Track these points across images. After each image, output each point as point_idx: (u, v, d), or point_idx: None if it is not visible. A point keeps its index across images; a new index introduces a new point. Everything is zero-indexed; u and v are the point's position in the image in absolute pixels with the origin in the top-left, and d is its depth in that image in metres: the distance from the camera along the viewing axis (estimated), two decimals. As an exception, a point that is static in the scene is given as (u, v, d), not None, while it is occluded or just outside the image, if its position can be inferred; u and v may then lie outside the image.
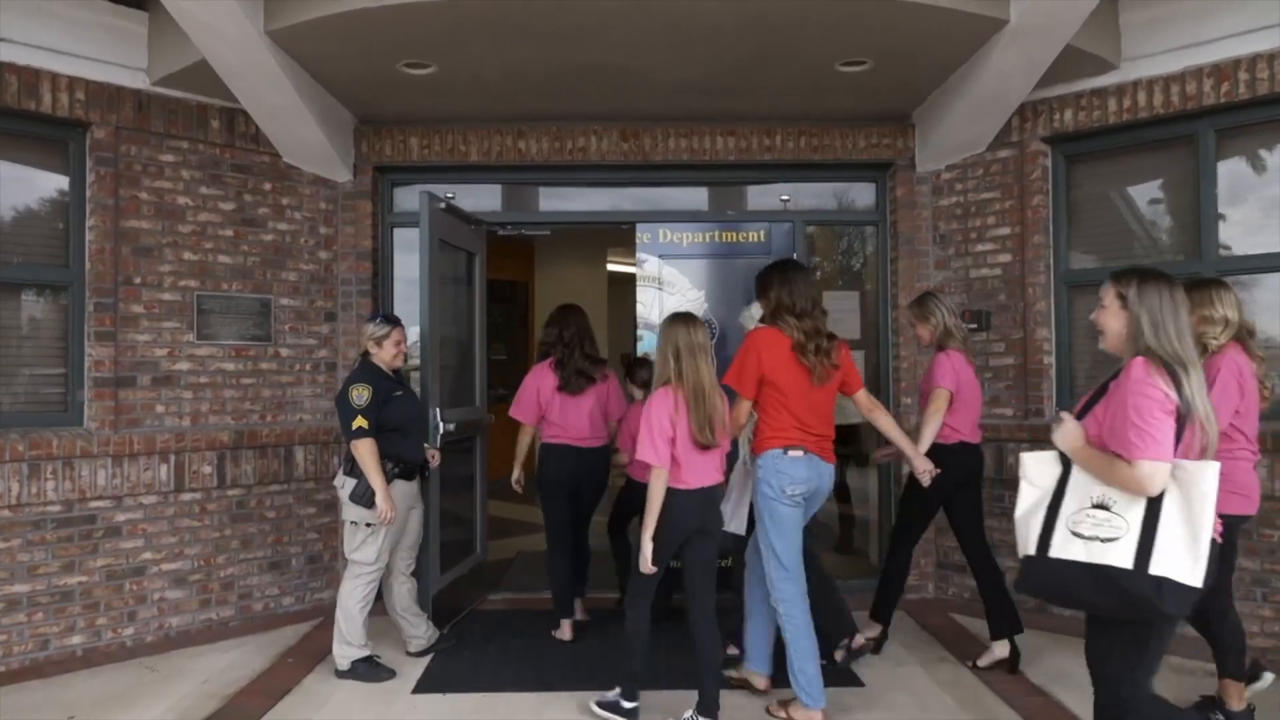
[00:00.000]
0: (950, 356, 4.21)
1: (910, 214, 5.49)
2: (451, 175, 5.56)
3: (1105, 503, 2.35)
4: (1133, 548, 2.27)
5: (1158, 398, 2.30)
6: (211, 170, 4.97)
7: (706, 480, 3.50)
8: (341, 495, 4.14)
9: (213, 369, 4.95)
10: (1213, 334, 3.30)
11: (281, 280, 5.22)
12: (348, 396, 4.05)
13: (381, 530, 4.10)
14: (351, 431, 4.02)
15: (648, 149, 5.46)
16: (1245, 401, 3.31)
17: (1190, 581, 2.24)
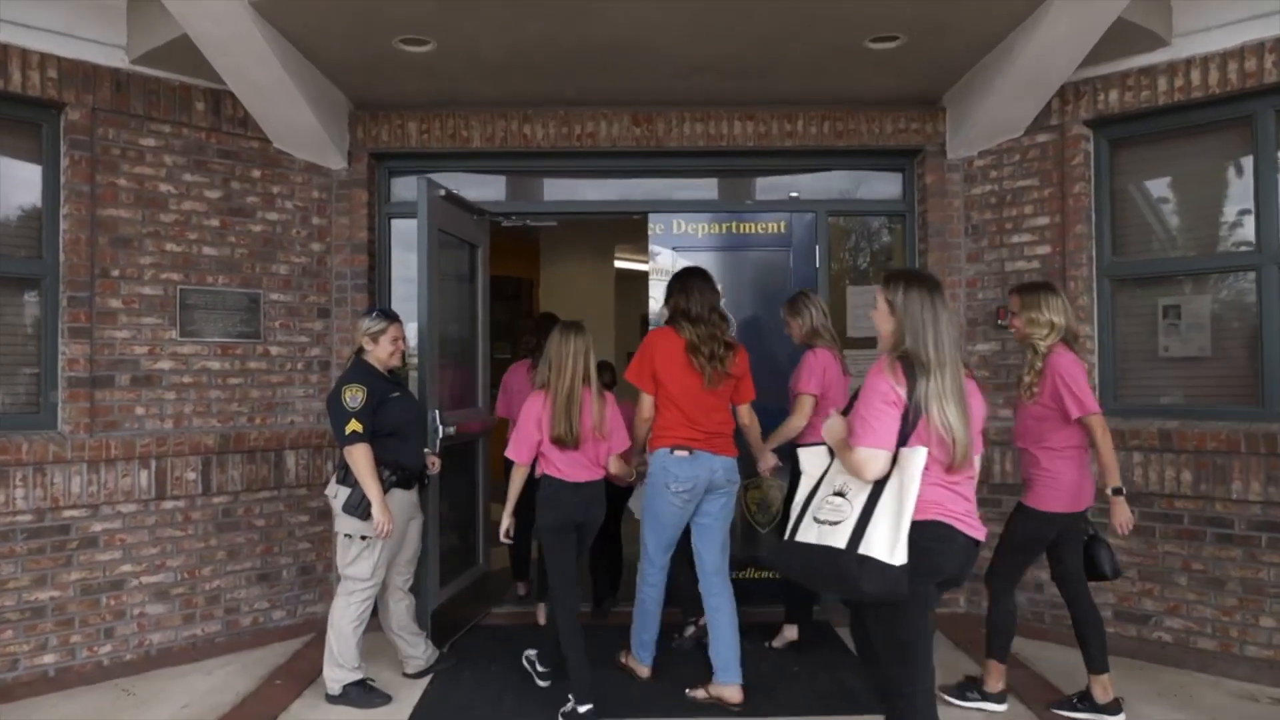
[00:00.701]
0: (817, 355, 4.27)
1: (940, 203, 5.15)
2: (452, 162, 5.24)
3: (843, 490, 2.53)
4: (850, 530, 2.43)
5: (883, 391, 2.47)
6: (196, 156, 4.65)
7: (583, 475, 3.75)
8: (334, 505, 3.82)
9: (197, 368, 4.63)
10: (1039, 335, 3.49)
11: (271, 274, 4.90)
12: (340, 398, 3.73)
13: (378, 543, 3.79)
14: (345, 436, 3.70)
15: (661, 134, 5.14)
16: (1088, 406, 3.45)
17: (890, 560, 2.37)
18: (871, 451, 2.44)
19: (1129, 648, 4.46)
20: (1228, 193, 4.46)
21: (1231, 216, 4.44)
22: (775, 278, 5.25)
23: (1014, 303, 3.64)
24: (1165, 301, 4.62)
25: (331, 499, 3.84)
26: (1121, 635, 4.50)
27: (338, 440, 3.77)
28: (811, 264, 5.25)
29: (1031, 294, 3.58)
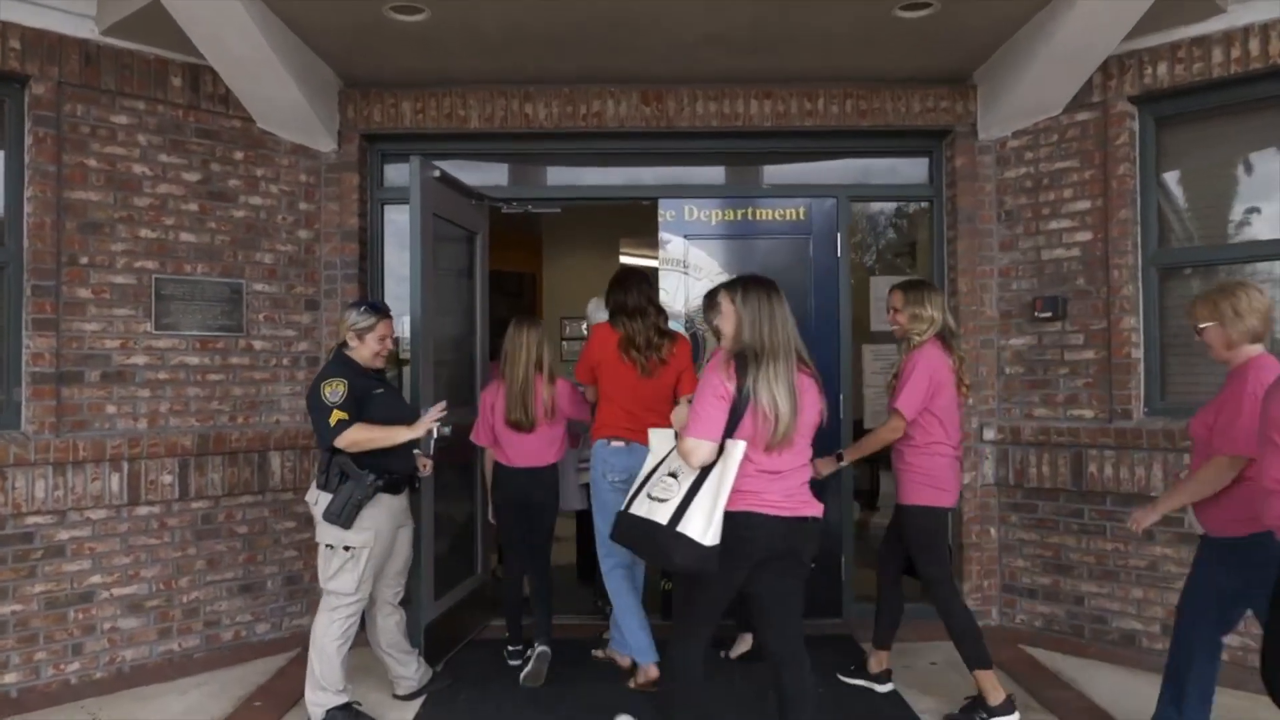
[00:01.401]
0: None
1: (971, 187, 4.81)
2: (449, 144, 4.90)
3: (676, 472, 2.75)
4: (673, 508, 2.65)
5: (714, 385, 2.68)
6: (173, 135, 4.32)
7: (527, 461, 4.10)
8: (315, 513, 3.49)
9: (174, 363, 4.31)
10: (918, 330, 3.53)
11: (255, 262, 4.57)
12: (319, 394, 3.40)
13: (364, 554, 3.46)
14: (330, 430, 3.37)
15: (672, 114, 4.80)
16: (942, 398, 3.48)
17: (702, 540, 2.59)
18: (697, 441, 2.66)
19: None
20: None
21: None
22: (794, 268, 4.92)
23: (896, 299, 3.64)
24: (1218, 292, 4.27)
25: (312, 506, 3.51)
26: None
27: (321, 440, 3.44)
28: (833, 253, 4.92)
29: (915, 291, 3.61)
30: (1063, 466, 4.47)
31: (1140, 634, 4.29)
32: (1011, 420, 4.72)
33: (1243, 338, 2.86)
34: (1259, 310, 2.85)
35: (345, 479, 3.42)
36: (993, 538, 4.77)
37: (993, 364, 4.79)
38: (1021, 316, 4.71)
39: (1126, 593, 4.32)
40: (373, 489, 3.45)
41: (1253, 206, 4.21)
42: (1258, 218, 4.17)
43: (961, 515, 4.75)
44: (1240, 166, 4.28)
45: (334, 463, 3.44)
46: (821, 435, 2.91)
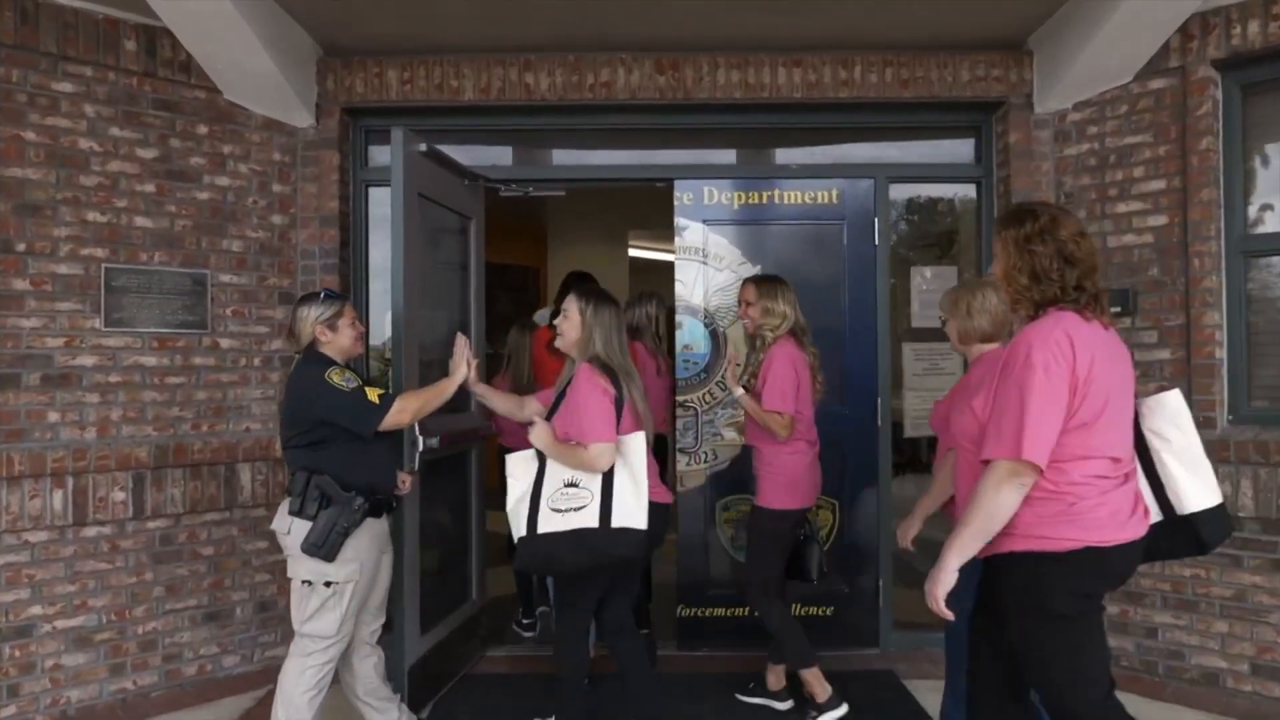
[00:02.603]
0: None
1: (1026, 166, 4.28)
2: (440, 119, 4.39)
3: (574, 480, 2.87)
4: (597, 510, 2.81)
5: (600, 391, 2.86)
6: (126, 106, 3.82)
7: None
8: (285, 544, 2.98)
9: (127, 364, 3.81)
10: (771, 325, 3.47)
11: (222, 251, 4.07)
12: (329, 385, 2.89)
13: (348, 590, 2.96)
14: (378, 409, 2.92)
15: (689, 84, 4.27)
16: (801, 395, 3.43)
17: (638, 526, 2.81)
18: (602, 446, 2.83)
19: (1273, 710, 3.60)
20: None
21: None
22: (825, 257, 4.41)
23: (749, 293, 3.55)
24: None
25: (281, 535, 3.00)
26: (1263, 695, 3.64)
27: (369, 424, 2.90)
28: (869, 240, 4.40)
29: (768, 285, 3.54)
30: (1133, 481, 3.94)
31: (1225, 673, 3.76)
32: (1072, 428, 4.18)
33: (972, 336, 2.90)
34: (990, 312, 2.85)
35: (327, 503, 2.92)
36: (1050, 560, 4.23)
37: (1050, 365, 4.25)
38: (1084, 311, 4.18)
39: (1208, 625, 3.80)
40: (360, 514, 2.94)
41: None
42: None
43: (1015, 535, 4.22)
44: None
45: (313, 484, 2.93)
46: (857, 442, 2.85)
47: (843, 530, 4.38)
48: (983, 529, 2.10)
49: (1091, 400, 2.06)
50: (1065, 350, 2.05)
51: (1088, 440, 2.07)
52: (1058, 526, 2.07)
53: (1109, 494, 2.10)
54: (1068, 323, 2.10)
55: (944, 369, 4.48)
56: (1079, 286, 2.14)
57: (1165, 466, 2.26)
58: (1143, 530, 2.16)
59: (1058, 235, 2.16)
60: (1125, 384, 2.19)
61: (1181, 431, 2.28)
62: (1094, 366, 2.07)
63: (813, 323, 4.32)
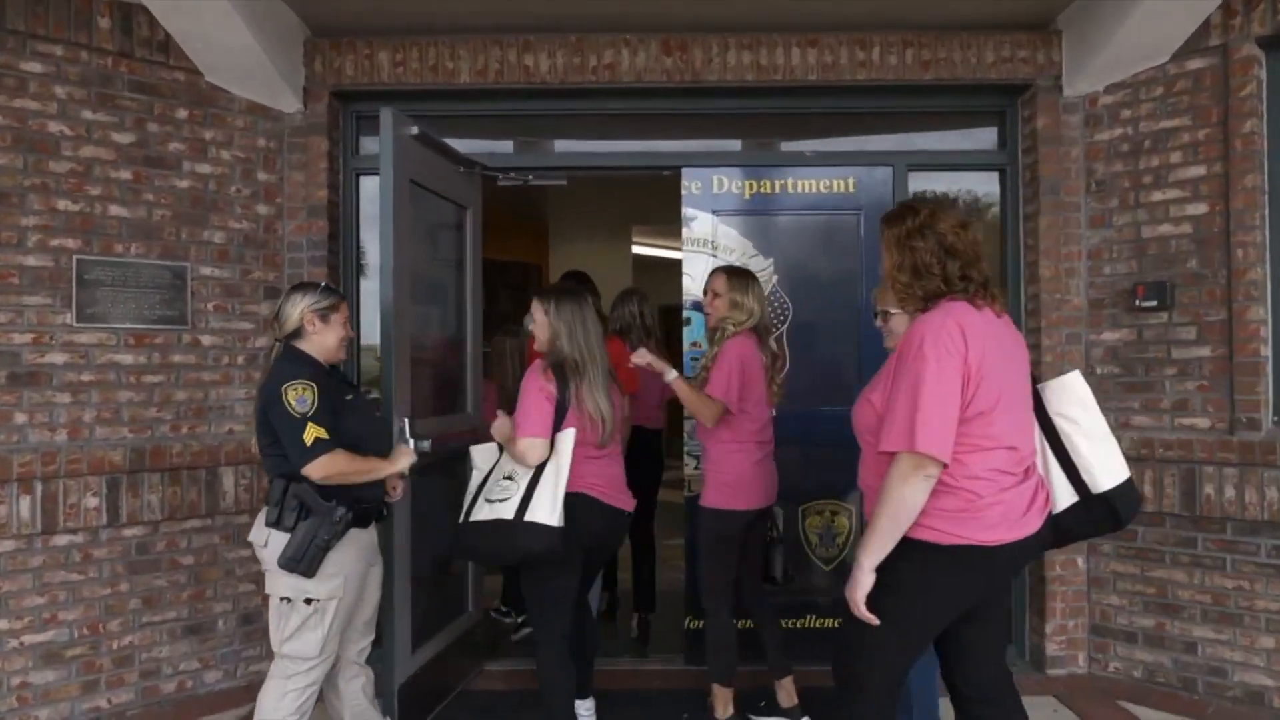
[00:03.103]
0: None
1: (1055, 153, 4.04)
2: (435, 103, 4.15)
3: (512, 474, 2.97)
4: (516, 503, 2.89)
5: (538, 388, 2.93)
6: (100, 88, 3.59)
7: None
8: (263, 557, 2.75)
9: (101, 362, 3.58)
10: (735, 320, 3.34)
11: (203, 242, 3.84)
12: (283, 401, 2.65)
13: (330, 607, 2.73)
14: (306, 451, 2.62)
15: (698, 66, 4.04)
16: (754, 394, 3.29)
17: (549, 522, 2.85)
18: (530, 440, 2.87)
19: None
20: None
21: None
22: (841, 248, 4.18)
23: (719, 283, 3.40)
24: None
25: (259, 548, 2.77)
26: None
27: (291, 463, 2.65)
28: (888, 231, 4.15)
29: (739, 278, 3.40)
30: (1170, 486, 3.71)
31: (1271, 691, 3.53)
32: (1104, 430, 3.95)
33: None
34: None
35: (306, 514, 2.69)
36: (1080, 569, 4.01)
37: (1080, 363, 4.02)
38: (1117, 306, 3.94)
39: (1253, 640, 3.57)
40: (342, 525, 2.71)
41: None
42: None
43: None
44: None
45: (291, 493, 2.70)
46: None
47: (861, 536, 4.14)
48: (892, 526, 2.07)
49: (986, 388, 2.06)
50: (957, 340, 2.05)
51: (985, 429, 2.06)
52: (950, 521, 2.06)
53: (1006, 492, 2.08)
54: (959, 313, 2.10)
55: (967, 367, 4.23)
56: (964, 276, 2.15)
57: (1077, 449, 2.26)
58: (1035, 527, 2.14)
59: (937, 229, 2.18)
60: (1020, 371, 2.20)
61: (1088, 412, 2.29)
62: (987, 355, 2.06)
63: (827, 319, 4.15)
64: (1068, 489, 2.26)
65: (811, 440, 4.03)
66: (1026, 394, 2.21)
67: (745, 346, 3.29)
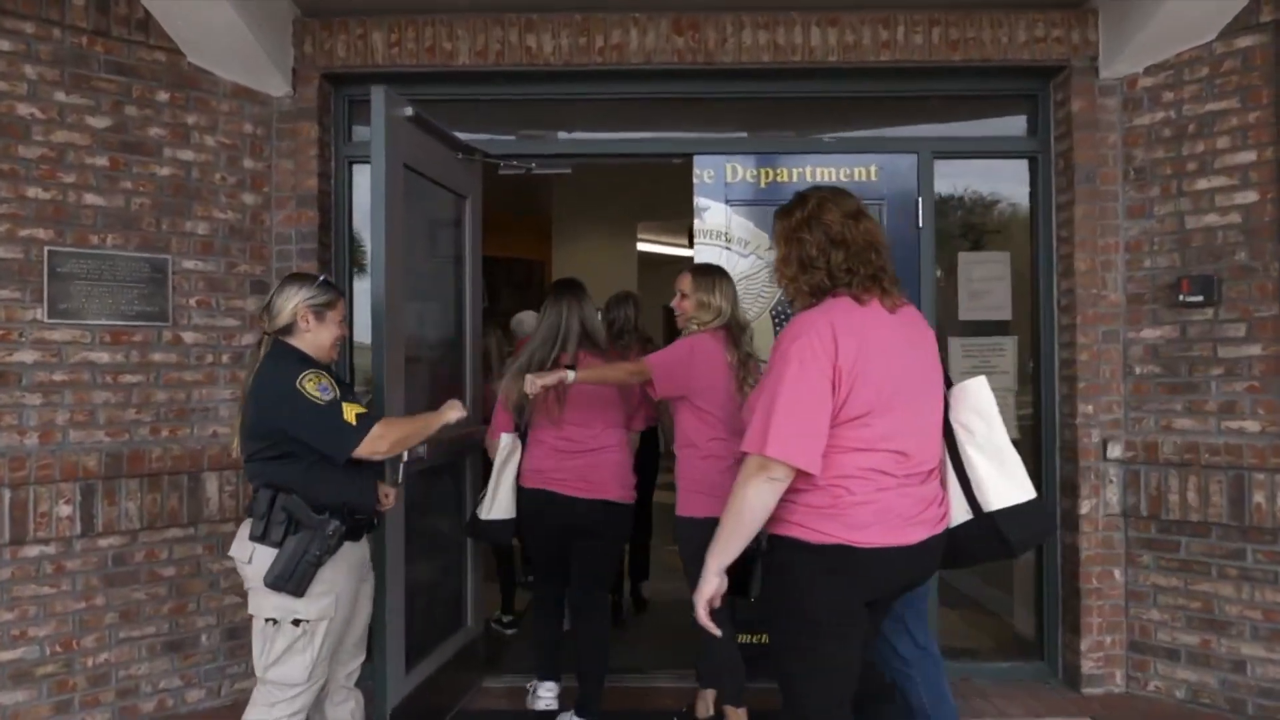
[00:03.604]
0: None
1: (1090, 138, 3.80)
2: (432, 85, 3.92)
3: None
4: (487, 501, 3.41)
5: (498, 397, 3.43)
6: (73, 68, 3.37)
7: None
8: (247, 574, 2.52)
9: (75, 360, 3.35)
10: (701, 320, 3.23)
11: (185, 233, 3.62)
12: (303, 395, 2.41)
13: (321, 629, 2.50)
14: (354, 431, 2.44)
15: (711, 46, 3.81)
16: (718, 395, 3.13)
17: (489, 517, 3.39)
18: (490, 442, 3.40)
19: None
20: None
21: None
22: (862, 241, 3.92)
23: (684, 283, 3.27)
24: None
25: (241, 565, 2.54)
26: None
27: (339, 448, 2.45)
28: (912, 222, 3.94)
29: (705, 278, 3.26)
30: (1216, 494, 3.47)
31: (1328, 715, 3.29)
32: (1144, 433, 3.71)
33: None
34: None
35: (296, 527, 2.46)
36: (1117, 582, 3.77)
37: (1117, 362, 3.79)
38: (1158, 301, 3.70)
39: (1308, 660, 3.33)
40: (336, 539, 2.48)
41: None
42: None
43: (1077, 553, 3.75)
44: None
45: (279, 504, 2.47)
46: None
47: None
48: (737, 529, 1.99)
49: (862, 390, 1.95)
50: (825, 339, 1.95)
51: (861, 432, 1.96)
52: (817, 518, 1.98)
53: (883, 493, 1.97)
54: (836, 310, 2.02)
55: (996, 366, 4.01)
56: (849, 269, 2.04)
57: (969, 460, 2.12)
58: (920, 537, 2.01)
59: (824, 219, 2.08)
60: (920, 370, 2.07)
61: (985, 421, 2.13)
62: (863, 354, 1.95)
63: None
64: (963, 503, 2.13)
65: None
66: (928, 394, 2.08)
67: (703, 340, 3.15)
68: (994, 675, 3.92)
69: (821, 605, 2.00)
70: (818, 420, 1.93)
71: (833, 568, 1.98)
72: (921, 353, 2.09)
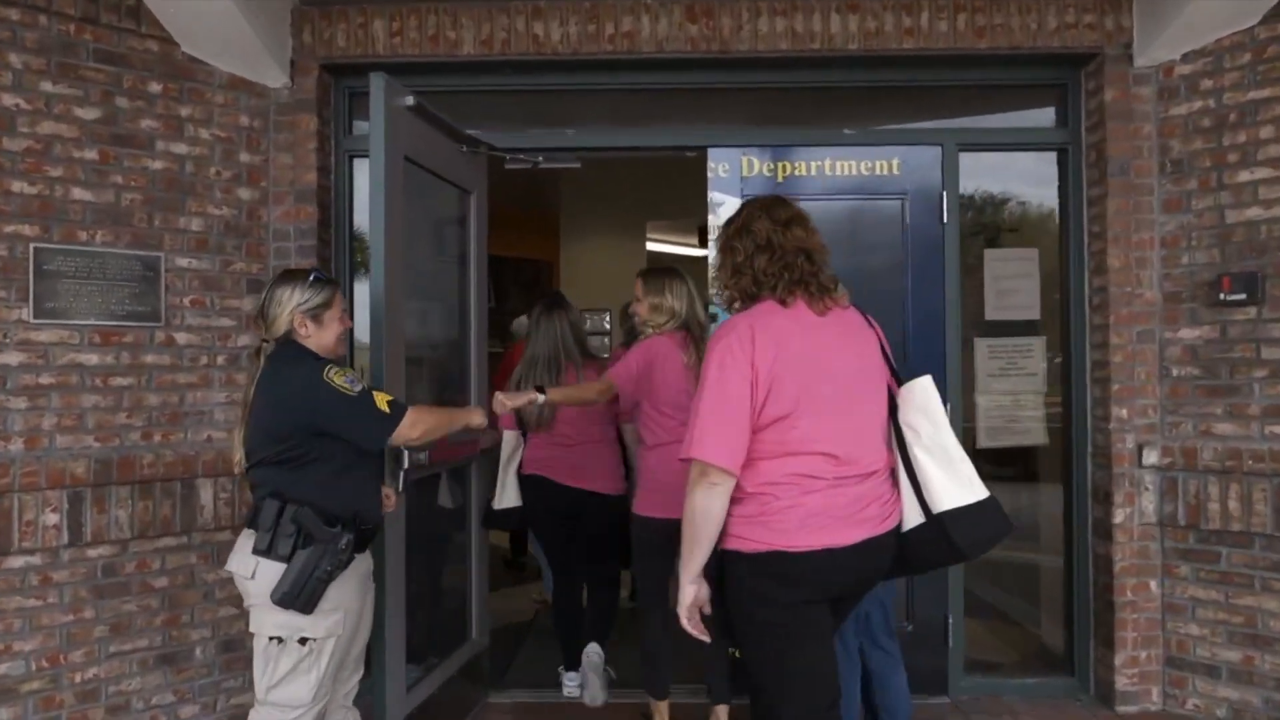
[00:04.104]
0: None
1: (1124, 129, 3.63)
2: (436, 76, 3.76)
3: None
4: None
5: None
6: (61, 57, 3.22)
7: None
8: (250, 591, 2.38)
9: (62, 362, 3.21)
10: (656, 323, 3.28)
11: (178, 230, 3.47)
12: (331, 388, 2.32)
13: (328, 647, 2.37)
14: (388, 419, 2.38)
15: (726, 34, 3.65)
16: (658, 393, 3.18)
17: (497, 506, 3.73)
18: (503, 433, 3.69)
19: None
20: None
21: None
22: (883, 237, 3.80)
23: (637, 288, 3.38)
24: None
25: (242, 580, 2.39)
26: None
27: (376, 438, 2.40)
28: (936, 218, 3.77)
29: (655, 280, 3.34)
30: (1260, 502, 3.30)
31: (1381, 737, 3.11)
32: (1182, 438, 3.54)
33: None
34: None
35: (306, 541, 2.31)
36: (1153, 594, 3.59)
37: (1153, 363, 3.61)
38: (1197, 300, 3.53)
39: (1359, 678, 3.15)
40: (348, 553, 2.34)
41: None
42: None
43: (1111, 564, 3.58)
44: None
45: (288, 516, 2.32)
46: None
47: (906, 557, 3.74)
48: (693, 536, 2.04)
49: (781, 392, 1.98)
50: (744, 343, 2.00)
51: (786, 435, 1.99)
52: (749, 526, 2.02)
53: (810, 495, 1.99)
54: (758, 313, 2.07)
55: (1024, 368, 3.84)
56: (773, 274, 2.09)
57: (916, 461, 2.10)
58: (857, 537, 2.01)
59: (753, 228, 2.14)
60: (850, 372, 2.08)
61: (931, 422, 2.11)
62: (782, 356, 1.99)
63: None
64: (916, 505, 2.10)
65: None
66: (862, 395, 2.10)
67: (658, 343, 3.24)
68: (1022, 692, 3.75)
69: (771, 612, 2.03)
70: (739, 420, 1.98)
71: (772, 574, 2.00)
72: (855, 355, 2.11)
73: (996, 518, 2.10)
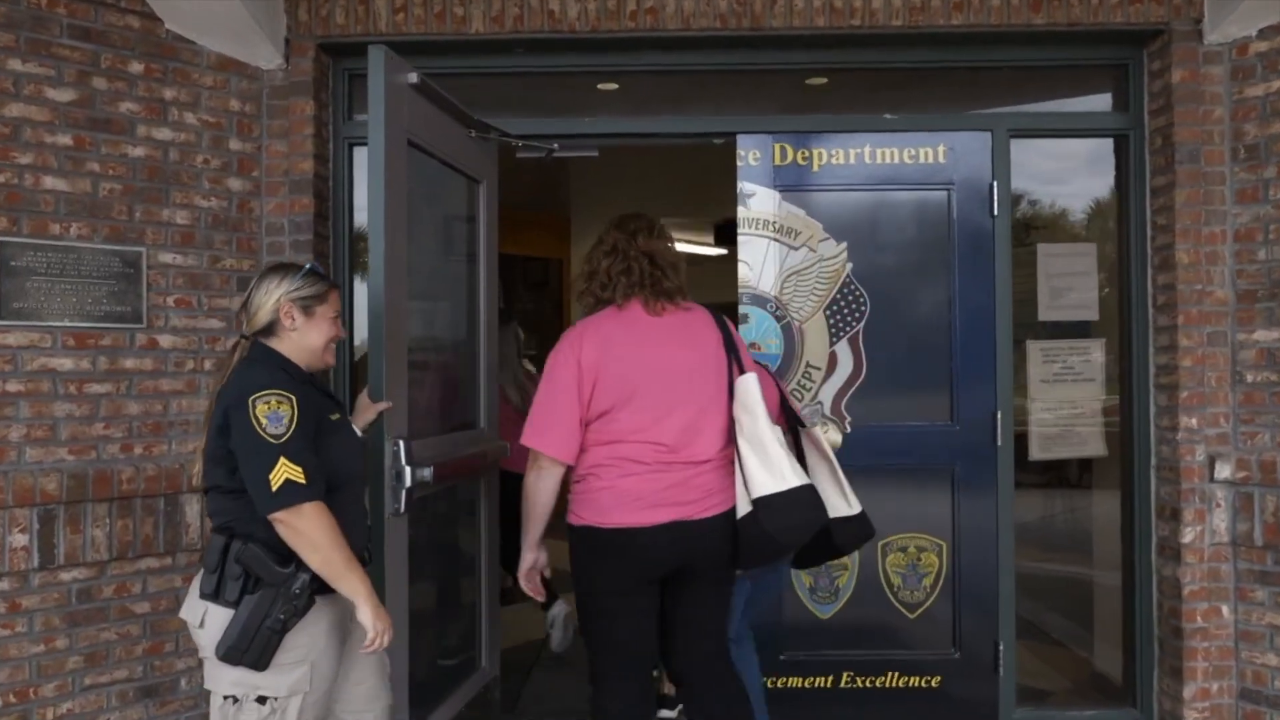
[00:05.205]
0: None
1: (1193, 113, 3.33)
2: (442, 58, 3.47)
3: None
4: None
5: None
6: (30, 33, 2.94)
7: None
8: (200, 640, 2.07)
9: (32, 368, 2.93)
10: None
11: (162, 223, 3.19)
12: (250, 416, 1.96)
13: (292, 706, 2.03)
14: (272, 496, 1.92)
15: (759, 10, 3.35)
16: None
17: None
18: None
19: None
20: None
21: None
22: (928, 231, 3.51)
23: None
24: None
25: (193, 628, 2.08)
26: None
27: (255, 500, 1.96)
28: (985, 210, 3.48)
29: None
30: (1345, 520, 3.00)
31: None
32: (1258, 450, 3.24)
33: None
34: None
35: (255, 585, 1.98)
36: (1226, 620, 3.29)
37: (1225, 368, 3.31)
38: (1274, 299, 3.22)
39: None
40: (304, 598, 1.98)
41: None
42: None
43: (1179, 588, 3.28)
44: None
45: (233, 554, 2.00)
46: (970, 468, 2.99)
47: (953, 578, 3.46)
48: (528, 512, 2.39)
49: (606, 388, 2.27)
50: (575, 342, 2.32)
51: (612, 426, 2.28)
52: (579, 505, 2.34)
53: (627, 479, 2.26)
54: (591, 319, 2.38)
55: (1081, 373, 3.55)
56: (616, 274, 2.35)
57: (739, 452, 2.30)
58: (663, 519, 2.25)
59: (607, 238, 2.44)
60: (682, 368, 2.32)
61: (750, 415, 2.30)
62: (608, 355, 2.27)
63: (912, 317, 3.47)
64: (745, 494, 2.29)
65: (894, 462, 3.39)
66: (693, 390, 2.31)
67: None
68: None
69: (593, 582, 2.36)
70: (565, 413, 2.28)
71: (591, 548, 2.33)
72: (690, 352, 2.34)
73: (803, 506, 2.27)
